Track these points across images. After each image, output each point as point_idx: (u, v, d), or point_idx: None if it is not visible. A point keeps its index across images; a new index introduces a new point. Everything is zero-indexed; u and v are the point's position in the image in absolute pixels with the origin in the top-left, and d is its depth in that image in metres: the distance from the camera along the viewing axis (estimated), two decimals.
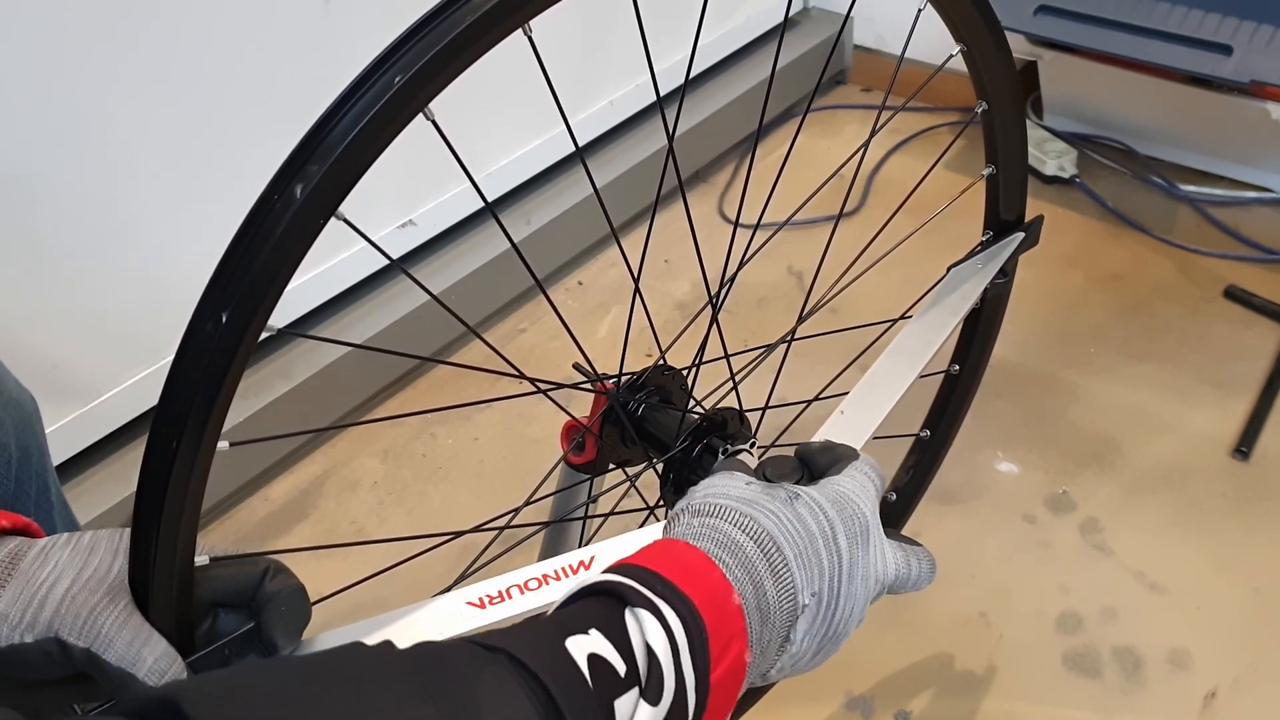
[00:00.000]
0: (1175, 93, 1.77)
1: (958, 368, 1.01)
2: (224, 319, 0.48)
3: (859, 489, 0.58)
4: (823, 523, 0.55)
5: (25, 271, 1.20)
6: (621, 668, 0.45)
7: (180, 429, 0.49)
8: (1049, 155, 1.93)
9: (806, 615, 0.53)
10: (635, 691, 0.45)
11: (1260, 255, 1.76)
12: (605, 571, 0.50)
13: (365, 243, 0.58)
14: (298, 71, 1.35)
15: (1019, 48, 1.84)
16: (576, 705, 0.42)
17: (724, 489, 0.56)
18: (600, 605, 0.48)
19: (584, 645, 0.44)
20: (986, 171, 0.87)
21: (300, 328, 1.52)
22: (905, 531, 1.12)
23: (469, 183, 0.59)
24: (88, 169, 1.21)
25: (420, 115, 0.51)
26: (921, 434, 1.06)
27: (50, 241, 1.21)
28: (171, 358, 0.50)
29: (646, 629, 0.46)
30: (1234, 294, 1.68)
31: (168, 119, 1.25)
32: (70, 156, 1.19)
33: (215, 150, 1.31)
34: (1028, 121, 1.89)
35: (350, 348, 1.40)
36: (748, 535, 0.52)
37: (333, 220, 0.50)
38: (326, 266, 1.50)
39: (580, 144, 1.76)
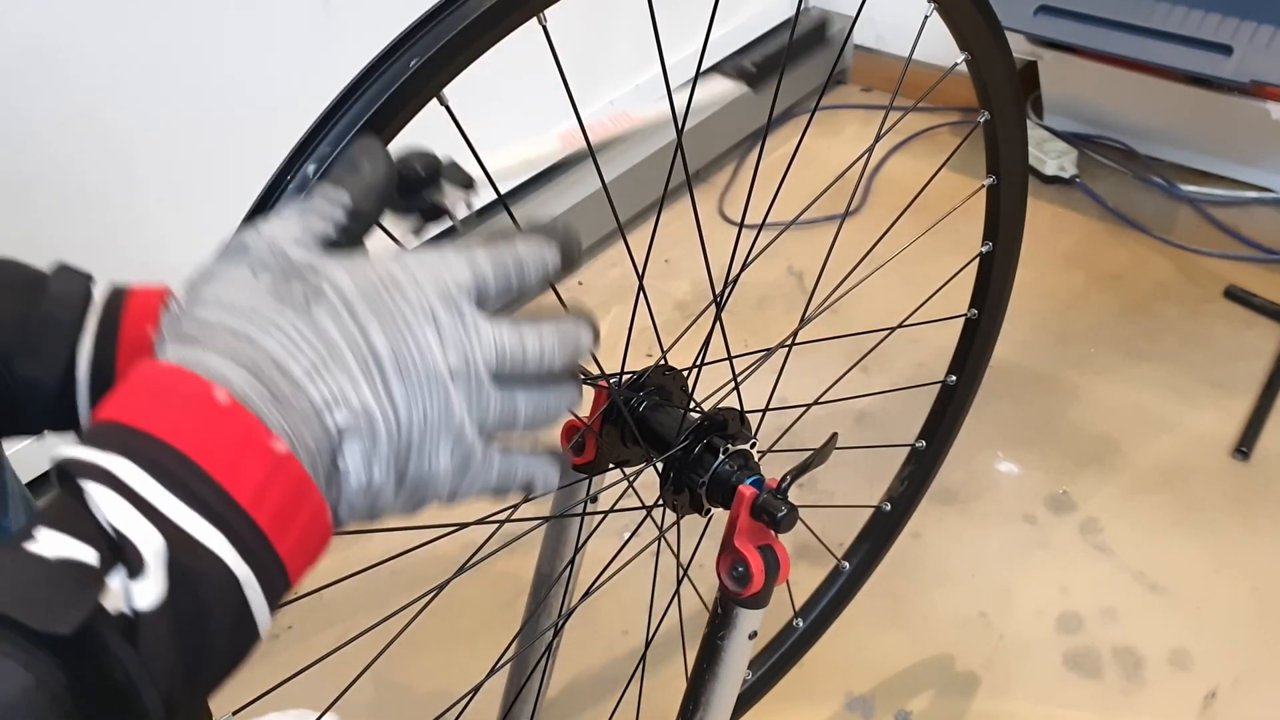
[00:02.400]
0: (1175, 93, 1.77)
1: (954, 378, 1.01)
2: None
3: (423, 269, 0.45)
4: (348, 326, 0.43)
5: None
6: (92, 556, 0.37)
7: None
8: (1049, 155, 1.92)
9: (356, 437, 0.43)
10: (122, 573, 0.37)
11: (1260, 255, 1.76)
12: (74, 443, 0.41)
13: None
14: (297, 70, 1.35)
15: (1019, 48, 1.84)
16: (40, 616, 0.35)
17: (220, 293, 0.44)
18: (58, 495, 0.39)
19: (43, 551, 0.36)
20: (987, 182, 0.87)
21: None
22: (905, 533, 1.12)
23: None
24: (85, 167, 1.21)
25: (434, 100, 0.51)
26: (917, 444, 1.06)
27: (48, 240, 1.21)
28: None
29: (98, 501, 0.38)
30: (1234, 294, 1.68)
31: (166, 118, 1.25)
32: (68, 155, 1.19)
33: (214, 149, 1.31)
34: (1028, 121, 1.89)
35: None
36: (238, 364, 0.42)
37: None
38: None
39: (581, 143, 1.76)
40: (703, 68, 0.67)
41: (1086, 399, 1.54)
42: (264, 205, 0.48)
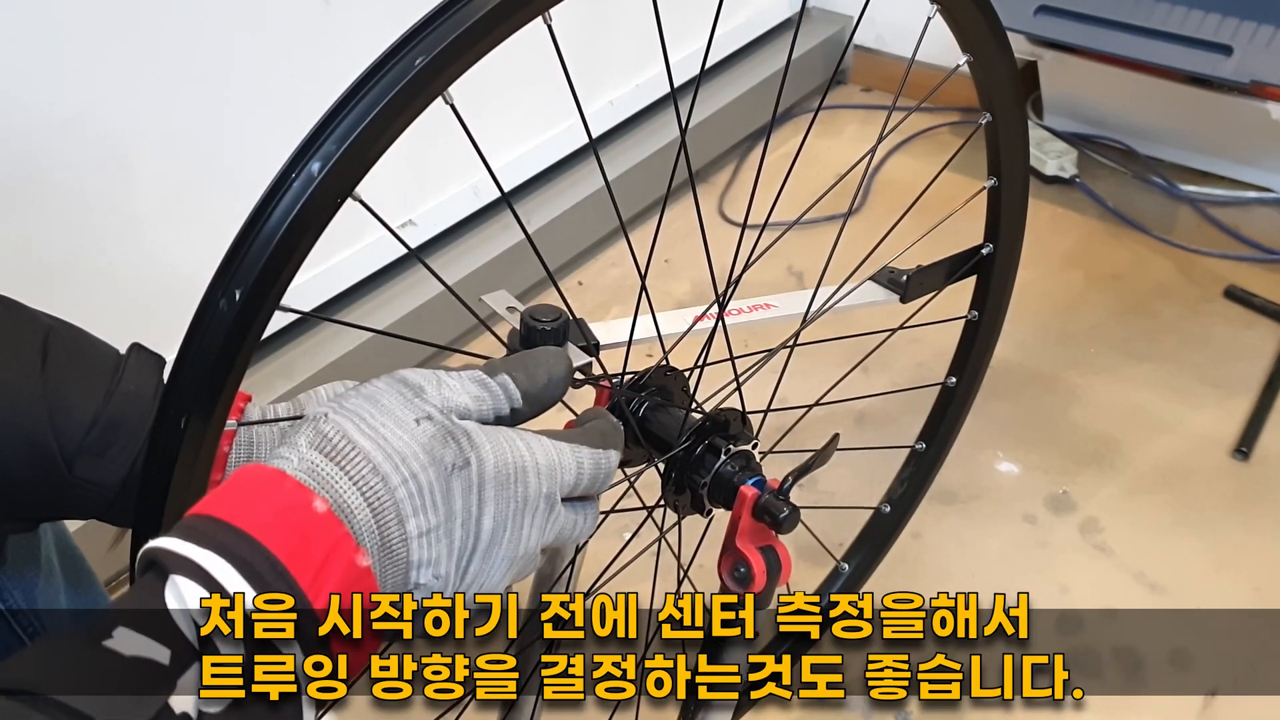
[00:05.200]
0: (1175, 93, 1.77)
1: (954, 380, 1.01)
2: (237, 296, 0.48)
3: (546, 465, 0.51)
4: (471, 502, 0.48)
5: (20, 272, 1.20)
6: (164, 655, 0.39)
7: (190, 407, 0.49)
8: (1049, 155, 1.92)
9: (421, 592, 0.47)
10: (194, 671, 0.40)
11: (1260, 255, 1.76)
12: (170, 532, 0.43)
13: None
14: (296, 71, 1.35)
15: (1019, 48, 1.84)
16: (111, 712, 0.37)
17: (377, 425, 0.46)
18: (138, 588, 0.42)
19: (120, 648, 0.39)
20: (989, 184, 0.86)
21: (298, 328, 1.51)
22: (905, 533, 1.12)
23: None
24: (85, 169, 1.21)
25: (440, 99, 0.51)
26: (917, 446, 1.06)
27: (47, 241, 1.21)
28: (170, 357, 0.50)
29: (185, 595, 0.40)
30: (1234, 294, 1.68)
31: (166, 119, 1.25)
32: (68, 156, 1.19)
33: (213, 150, 1.31)
34: (1028, 121, 1.89)
35: (359, 335, 1.40)
36: (365, 499, 0.45)
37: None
38: (324, 268, 1.49)
39: (580, 144, 1.76)
40: (705, 67, 0.67)
41: (1086, 399, 1.54)
42: (267, 204, 0.48)
